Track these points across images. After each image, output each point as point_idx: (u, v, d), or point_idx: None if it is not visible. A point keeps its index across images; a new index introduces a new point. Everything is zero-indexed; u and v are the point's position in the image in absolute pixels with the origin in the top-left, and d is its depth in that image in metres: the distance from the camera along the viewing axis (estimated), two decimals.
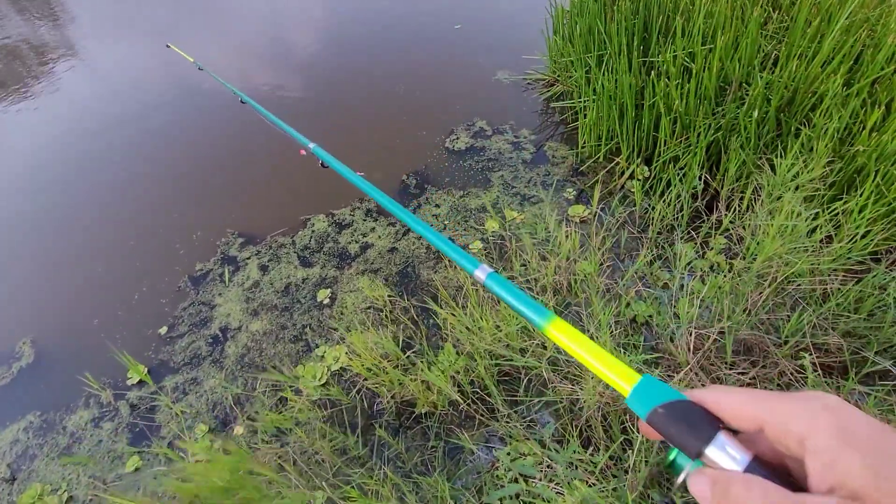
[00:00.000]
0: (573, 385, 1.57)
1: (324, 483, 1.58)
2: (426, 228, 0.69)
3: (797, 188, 1.80)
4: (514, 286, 0.51)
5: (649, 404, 0.36)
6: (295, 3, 5.36)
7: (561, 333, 0.44)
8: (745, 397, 0.33)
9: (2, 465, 1.91)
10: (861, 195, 1.76)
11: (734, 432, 0.34)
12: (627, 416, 1.51)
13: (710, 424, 0.33)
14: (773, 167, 2.00)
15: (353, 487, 1.41)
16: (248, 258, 2.51)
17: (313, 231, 2.60)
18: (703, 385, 1.47)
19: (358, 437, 1.75)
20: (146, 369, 2.10)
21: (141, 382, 2.08)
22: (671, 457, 0.40)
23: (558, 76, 3.29)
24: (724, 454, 0.32)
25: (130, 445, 1.88)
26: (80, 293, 2.50)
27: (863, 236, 1.76)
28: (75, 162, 3.39)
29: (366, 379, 1.78)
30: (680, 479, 0.38)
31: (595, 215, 2.43)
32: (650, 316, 1.87)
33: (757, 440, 0.33)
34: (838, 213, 1.83)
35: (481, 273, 0.54)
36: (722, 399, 0.34)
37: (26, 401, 2.10)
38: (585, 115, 2.69)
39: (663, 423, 0.35)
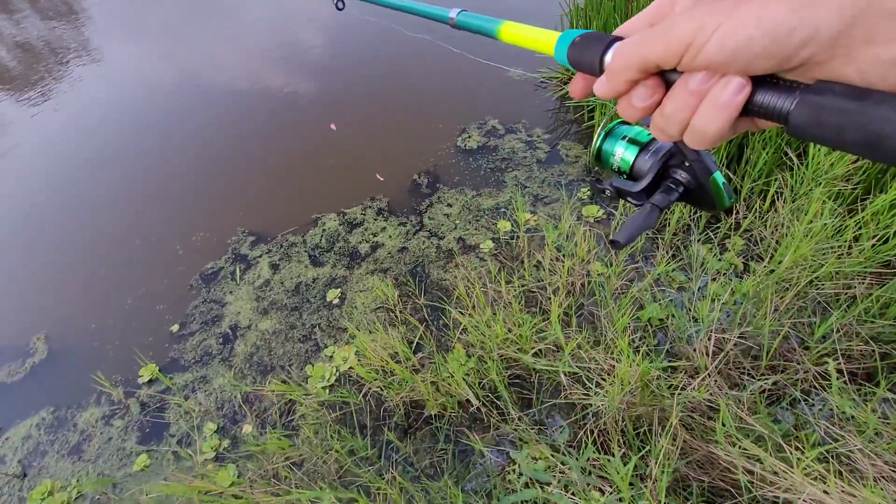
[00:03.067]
0: (590, 391, 1.52)
1: (327, 488, 1.56)
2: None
3: (822, 184, 1.74)
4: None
5: (567, 43, 0.39)
6: (289, 6, 5.36)
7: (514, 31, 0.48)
8: (640, 15, 0.38)
9: (14, 460, 1.92)
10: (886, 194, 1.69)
11: None
12: (643, 422, 1.47)
13: (615, 39, 0.36)
14: (791, 169, 1.94)
15: (359, 492, 1.38)
16: (259, 256, 2.51)
17: (324, 230, 2.58)
18: (724, 393, 1.43)
19: (367, 438, 1.73)
20: (157, 368, 2.10)
21: (151, 381, 2.08)
22: (597, 143, 0.51)
23: (572, 74, 3.24)
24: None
25: (139, 444, 1.88)
26: (92, 290, 2.52)
27: (885, 240, 1.69)
28: (89, 158, 3.42)
29: (374, 380, 1.75)
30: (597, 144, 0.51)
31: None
32: (662, 319, 1.82)
33: None
34: (866, 214, 1.76)
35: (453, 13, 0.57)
36: (624, 25, 0.39)
37: (39, 397, 2.11)
38: (603, 113, 2.64)
39: (579, 51, 0.39)
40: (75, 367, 2.19)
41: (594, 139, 0.51)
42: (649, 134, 0.49)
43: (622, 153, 0.49)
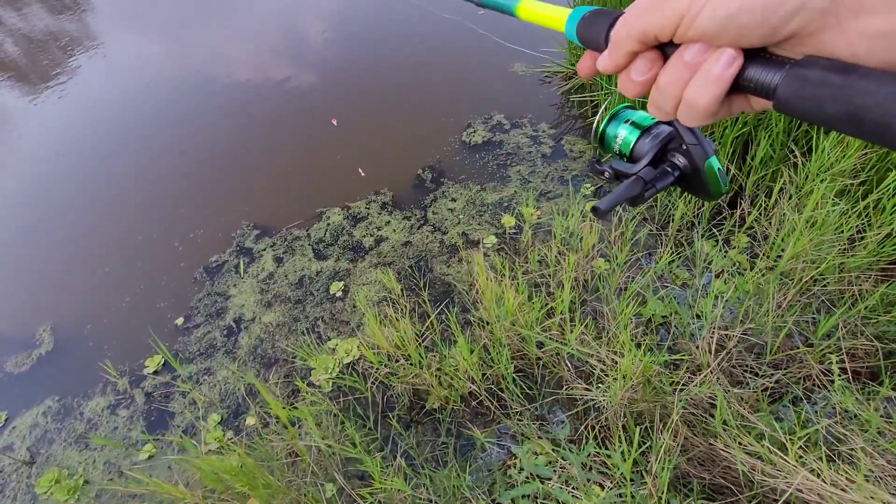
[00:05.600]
0: (592, 385, 1.53)
1: (336, 474, 1.58)
2: None
3: (826, 180, 1.73)
4: None
5: (577, 19, 0.40)
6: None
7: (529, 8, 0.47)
8: None
9: (22, 447, 1.95)
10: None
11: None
12: (644, 418, 1.47)
13: (621, 14, 0.37)
14: (795, 166, 1.92)
15: (371, 469, 1.39)
16: (264, 250, 2.52)
17: (328, 224, 2.59)
18: (726, 391, 1.43)
19: (371, 429, 1.74)
20: (162, 360, 2.12)
21: (157, 371, 2.10)
22: (601, 126, 0.52)
23: (574, 69, 3.22)
24: None
25: (144, 433, 1.90)
26: (97, 284, 2.53)
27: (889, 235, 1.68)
28: (97, 151, 3.43)
29: (381, 365, 1.76)
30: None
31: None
32: (665, 316, 1.82)
33: None
34: (869, 208, 1.75)
35: None
36: (634, 3, 0.37)
37: (45, 387, 2.14)
38: (606, 108, 2.62)
39: (587, 26, 0.39)
40: (81, 358, 2.21)
41: (598, 122, 0.52)
42: (653, 118, 0.49)
43: (624, 135, 0.50)
